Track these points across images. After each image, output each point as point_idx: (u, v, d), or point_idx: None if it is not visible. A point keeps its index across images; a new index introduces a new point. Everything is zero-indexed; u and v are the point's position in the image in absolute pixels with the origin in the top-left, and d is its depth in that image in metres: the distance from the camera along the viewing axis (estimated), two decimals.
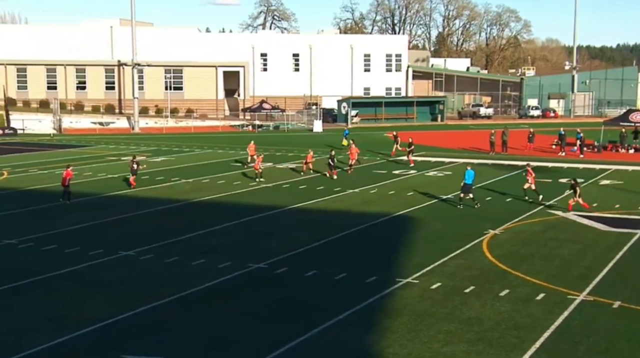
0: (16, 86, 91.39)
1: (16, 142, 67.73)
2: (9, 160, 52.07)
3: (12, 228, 28.92)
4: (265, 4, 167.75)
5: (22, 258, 24.38)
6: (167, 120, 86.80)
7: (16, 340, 16.79)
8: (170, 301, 19.80)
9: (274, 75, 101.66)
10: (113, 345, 16.56)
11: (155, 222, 30.38)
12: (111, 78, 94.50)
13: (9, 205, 34.09)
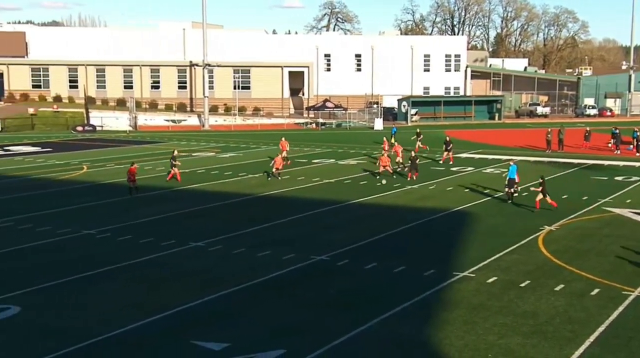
0: (95, 86, 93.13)
1: (95, 138, 69.04)
2: (89, 155, 53.12)
3: (90, 219, 29.50)
4: (329, 6, 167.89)
5: (100, 248, 24.86)
6: (235, 118, 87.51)
7: (91, 326, 17.14)
8: (237, 290, 19.98)
9: (337, 75, 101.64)
10: (184, 330, 16.78)
11: (224, 215, 30.66)
12: (183, 78, 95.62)
13: (88, 197, 34.78)
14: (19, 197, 35.20)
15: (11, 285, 20.26)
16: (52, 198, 34.42)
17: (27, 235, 26.60)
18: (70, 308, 18.50)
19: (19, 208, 31.57)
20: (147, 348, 15.88)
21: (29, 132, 74.61)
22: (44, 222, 28.79)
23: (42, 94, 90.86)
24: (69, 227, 27.74)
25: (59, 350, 15.59)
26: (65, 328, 17.02)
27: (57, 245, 25.34)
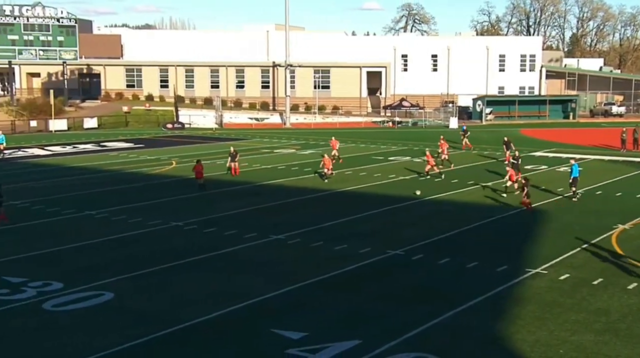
0: (184, 85, 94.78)
1: (184, 135, 70.31)
2: (178, 151, 54.15)
3: (178, 212, 30.09)
4: (407, 8, 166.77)
5: (187, 239, 25.34)
6: (315, 116, 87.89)
7: (178, 312, 17.50)
8: (315, 281, 20.09)
9: (413, 75, 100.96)
10: (264, 319, 16.98)
11: (303, 210, 30.85)
12: (266, 78, 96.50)
13: (177, 191, 35.46)
14: (113, 189, 36.14)
15: (105, 272, 20.86)
16: (144, 191, 35.22)
17: (121, 226, 27.32)
18: (159, 295, 18.94)
19: (113, 200, 32.42)
20: (230, 334, 16.13)
21: (123, 129, 76.52)
22: (136, 213, 29.51)
23: (135, 93, 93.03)
24: (159, 219, 28.35)
25: (149, 334, 15.99)
26: (156, 313, 17.43)
27: (147, 235, 25.95)
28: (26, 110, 76.71)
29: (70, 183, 37.97)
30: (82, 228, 26.91)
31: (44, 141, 61.29)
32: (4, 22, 78.36)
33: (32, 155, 52.26)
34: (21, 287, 19.33)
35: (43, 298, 18.41)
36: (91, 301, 18.30)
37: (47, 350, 15.11)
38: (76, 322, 16.89)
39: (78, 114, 79.50)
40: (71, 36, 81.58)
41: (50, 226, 27.56)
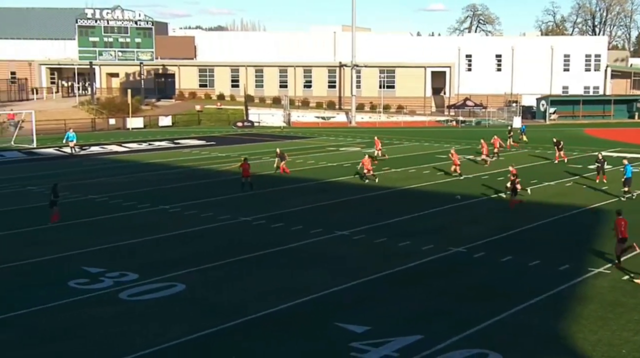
0: (254, 85, 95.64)
1: (253, 133, 70.94)
2: (247, 149, 54.65)
3: (247, 207, 30.39)
4: (471, 9, 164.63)
5: (255, 234, 25.59)
6: (380, 116, 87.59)
7: (246, 304, 17.70)
8: (378, 277, 20.07)
9: (477, 74, 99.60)
10: (328, 312, 17.04)
11: (367, 207, 30.81)
12: (333, 77, 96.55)
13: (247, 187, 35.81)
14: (186, 185, 36.71)
15: (177, 265, 21.23)
16: (214, 187, 35.66)
17: (192, 220, 27.76)
18: (229, 287, 19.19)
19: (185, 196, 32.94)
20: (296, 326, 16.25)
21: (195, 127, 77.63)
22: (207, 208, 29.92)
23: (207, 92, 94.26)
24: (229, 214, 28.70)
25: (219, 325, 16.22)
26: (225, 305, 17.67)
27: (217, 230, 26.31)
28: (105, 109, 78.51)
29: (146, 179, 38.74)
30: (156, 222, 27.43)
31: (121, 138, 62.66)
32: (85, 25, 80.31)
33: (111, 151, 53.50)
34: (99, 277, 19.84)
35: (119, 288, 18.87)
36: (164, 292, 18.67)
37: (123, 337, 15.48)
38: (150, 312, 17.26)
39: (153, 113, 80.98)
40: (148, 38, 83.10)
41: (127, 220, 28.18)
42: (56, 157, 50.08)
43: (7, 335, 15.68)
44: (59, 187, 27.86)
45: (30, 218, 27.94)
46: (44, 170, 42.23)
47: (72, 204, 31.37)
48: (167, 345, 15.07)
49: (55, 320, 16.61)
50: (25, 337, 15.56)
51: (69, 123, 69.48)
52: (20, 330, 15.97)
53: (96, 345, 15.08)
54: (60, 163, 46.44)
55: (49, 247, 23.45)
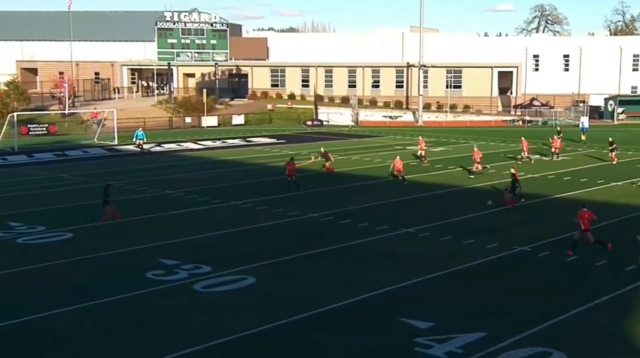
0: (324, 85, 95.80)
1: (322, 131, 71.13)
2: (316, 147, 54.77)
3: (316, 204, 30.53)
4: (539, 9, 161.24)
5: (323, 230, 25.70)
6: (446, 115, 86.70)
7: (313, 298, 17.79)
8: (443, 274, 19.92)
9: (544, 74, 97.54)
10: (393, 308, 17.01)
11: (433, 204, 30.57)
12: (400, 78, 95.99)
13: (314, 184, 35.97)
14: (257, 182, 37.11)
15: (248, 258, 21.50)
16: (285, 183, 35.85)
17: (263, 216, 28.05)
18: (297, 281, 19.34)
19: (257, 192, 33.30)
20: (362, 321, 16.27)
21: (267, 125, 78.36)
22: (277, 204, 30.19)
23: (278, 92, 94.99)
24: (298, 210, 28.89)
25: (287, 317, 16.37)
26: (293, 298, 17.82)
27: (287, 225, 26.52)
28: (182, 108, 79.93)
29: (219, 175, 39.30)
30: (228, 217, 27.83)
31: (196, 136, 63.73)
32: (164, 28, 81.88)
33: (186, 148, 54.45)
34: (175, 269, 20.25)
35: (193, 280, 19.21)
36: (235, 284, 18.93)
37: (197, 327, 15.77)
38: (222, 303, 17.54)
39: (227, 111, 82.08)
40: (223, 39, 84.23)
41: (201, 214, 28.67)
42: (135, 153, 51.27)
43: (88, 324, 16.16)
44: (111, 187, 27.94)
45: (96, 214, 28.65)
46: (124, 166, 43.33)
47: (150, 199, 32.12)
48: (238, 335, 15.29)
49: (132, 310, 17.04)
50: (105, 326, 16.00)
51: (147, 121, 71.12)
52: (100, 319, 16.44)
53: (171, 335, 15.41)
54: (139, 159, 47.54)
55: (128, 239, 24.05)
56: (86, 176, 38.73)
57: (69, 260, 21.43)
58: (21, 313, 16.62)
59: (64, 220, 26.97)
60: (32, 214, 28.26)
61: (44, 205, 30.35)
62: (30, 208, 29.49)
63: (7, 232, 25.14)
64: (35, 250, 22.83)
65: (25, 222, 26.67)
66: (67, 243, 23.77)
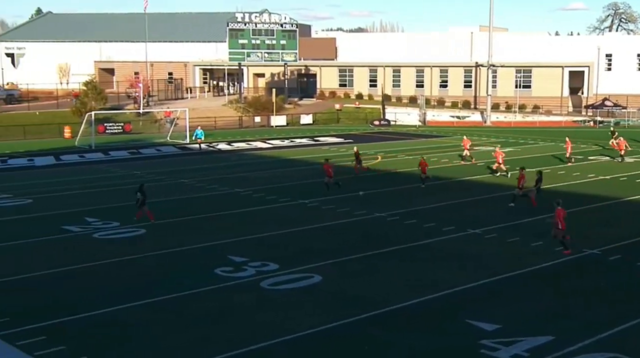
0: (391, 84, 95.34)
1: (389, 131, 70.83)
2: (383, 146, 54.70)
3: (382, 203, 30.41)
4: (613, 7, 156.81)
5: (390, 229, 25.59)
6: (515, 115, 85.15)
7: (379, 297, 17.74)
8: (509, 276, 19.60)
9: (617, 74, 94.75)
10: (458, 309, 16.81)
11: (500, 206, 30.05)
12: (469, 77, 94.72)
13: (381, 184, 35.85)
14: (318, 182, 37.09)
15: (315, 257, 21.59)
16: (351, 183, 35.68)
17: (330, 215, 28.11)
18: (363, 280, 19.32)
19: (324, 191, 33.34)
20: (427, 321, 16.15)
21: (334, 125, 78.46)
22: (343, 203, 30.19)
23: (346, 92, 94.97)
24: (364, 209, 28.84)
25: (353, 316, 16.38)
26: (359, 297, 17.81)
27: (353, 224, 26.51)
28: (252, 107, 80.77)
29: (287, 174, 39.57)
30: (295, 216, 27.99)
31: (265, 135, 64.30)
32: (235, 28, 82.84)
33: (255, 147, 54.98)
34: (243, 266, 20.49)
35: (261, 277, 19.40)
36: (302, 282, 19.03)
37: (263, 324, 15.92)
38: (289, 301, 17.65)
39: (296, 111, 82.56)
40: (292, 40, 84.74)
41: (269, 213, 28.93)
42: (206, 152, 52.07)
43: (158, 318, 16.50)
44: (145, 187, 27.73)
45: (181, 208, 29.25)
46: (195, 164, 44.06)
47: (220, 197, 32.59)
48: (303, 333, 15.37)
49: (201, 306, 17.31)
50: (175, 321, 16.31)
51: (218, 120, 72.20)
52: (171, 314, 16.76)
53: (238, 331, 15.60)
54: (209, 158, 48.27)
55: (198, 236, 24.45)
56: (158, 174, 39.56)
57: (141, 256, 21.94)
58: (94, 306, 17.09)
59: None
60: (108, 210, 29.03)
61: (118, 201, 31.13)
62: (106, 205, 30.30)
63: (84, 227, 25.89)
64: (109, 245, 23.45)
65: (100, 217, 27.41)
66: (139, 239, 24.33)
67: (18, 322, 15.89)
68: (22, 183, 36.15)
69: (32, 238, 24.17)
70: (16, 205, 30.37)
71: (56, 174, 39.69)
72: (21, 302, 17.47)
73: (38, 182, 36.51)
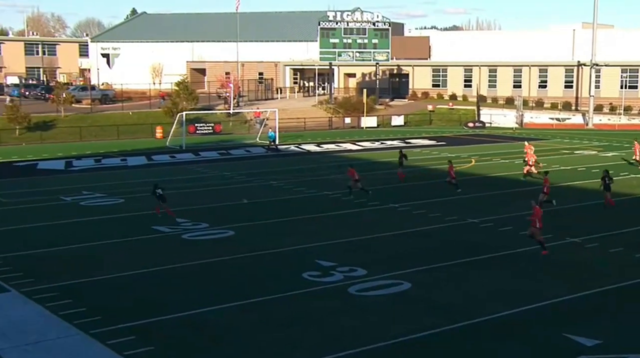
0: (487, 85, 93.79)
1: (484, 134, 69.70)
2: (477, 150, 53.87)
3: (474, 209, 29.98)
4: None
5: (482, 236, 25.19)
6: (620, 117, 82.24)
7: (470, 307, 17.49)
8: (610, 289, 19.01)
9: None
10: (555, 322, 16.40)
11: (601, 214, 29.09)
12: (570, 77, 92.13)
13: (474, 189, 35.31)
14: (415, 185, 36.92)
15: (404, 263, 21.50)
16: (443, 187, 35.33)
17: (421, 220, 27.92)
18: (454, 288, 19.12)
19: (414, 195, 33.15)
20: (522, 333, 15.84)
21: (427, 126, 77.83)
22: (435, 208, 29.93)
23: (439, 92, 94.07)
24: (456, 215, 28.51)
25: (442, 325, 16.23)
26: (449, 306, 17.63)
27: (444, 230, 26.24)
28: (342, 108, 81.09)
29: (377, 177, 39.49)
30: (384, 220, 27.93)
31: (355, 137, 64.40)
32: (327, 27, 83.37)
33: (345, 149, 55.14)
34: (330, 271, 20.62)
35: (349, 283, 19.47)
36: (390, 289, 18.98)
37: (350, 330, 15.97)
38: (376, 307, 17.65)
39: (387, 112, 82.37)
40: (384, 39, 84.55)
41: (357, 216, 28.98)
42: (295, 153, 52.61)
43: (245, 321, 16.81)
44: (159, 186, 28.76)
45: (270, 211, 29.68)
46: (284, 166, 44.58)
47: (308, 200, 32.89)
48: (391, 342, 15.33)
49: (288, 309, 17.52)
50: (262, 324, 16.58)
51: (308, 121, 72.83)
52: (258, 316, 17.05)
53: (324, 337, 15.71)
54: (299, 159, 48.74)
55: (286, 239, 24.76)
56: (248, 175, 40.24)
57: (229, 258, 22.39)
58: (183, 307, 17.57)
59: (226, 218, 28.20)
60: (197, 211, 29.76)
61: (208, 202, 31.87)
62: (196, 206, 31.06)
63: (174, 227, 26.63)
64: (198, 246, 24.05)
65: (190, 218, 28.14)
66: (228, 240, 24.83)
67: (109, 321, 16.51)
68: (115, 183, 37.51)
69: (123, 238, 25.06)
70: (109, 204, 31.55)
71: (147, 174, 40.97)
72: (112, 301, 18.15)
73: (130, 182, 37.81)
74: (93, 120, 66.36)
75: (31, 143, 57.37)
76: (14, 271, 20.61)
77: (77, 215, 29.08)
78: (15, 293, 18.75)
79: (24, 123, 59.67)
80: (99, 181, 38.18)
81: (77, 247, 23.82)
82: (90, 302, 17.99)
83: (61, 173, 41.92)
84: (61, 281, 19.74)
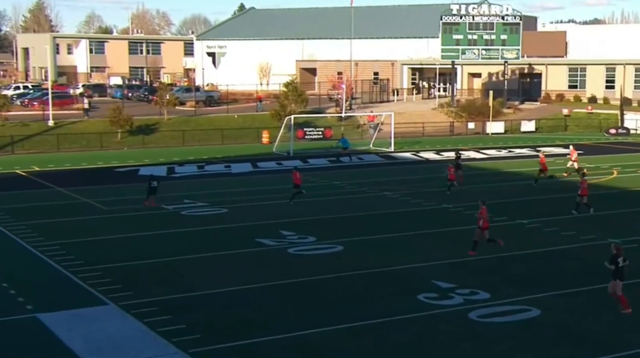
0: (633, 86, 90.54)
1: (628, 141, 67.14)
2: (620, 160, 51.99)
3: (616, 227, 28.98)
4: None
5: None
6: None
7: (607, 338, 16.91)
8: None
9: None
10: None
11: None
12: None
13: (617, 204, 34.09)
14: (545, 198, 36.00)
15: (533, 286, 21.06)
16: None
17: (553, 238, 27.27)
18: (593, 317, 18.59)
19: (544, 210, 32.29)
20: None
21: (561, 133, 75.76)
22: (569, 225, 29.12)
23: (577, 94, 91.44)
24: (594, 234, 27.64)
25: (575, 356, 15.81)
26: (587, 335, 17.22)
27: (581, 250, 25.57)
28: (465, 112, 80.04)
29: (504, 190, 38.78)
30: (511, 238, 27.35)
31: (480, 144, 63.50)
32: (450, 22, 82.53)
33: (468, 158, 54.36)
34: (449, 293, 20.44)
35: (469, 307, 19.24)
36: (517, 315, 18.66)
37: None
38: (500, 335, 17.38)
39: (515, 116, 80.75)
40: (514, 34, 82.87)
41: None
42: (412, 161, 52.37)
43: (355, 345, 16.90)
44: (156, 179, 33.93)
45: (382, 224, 29.68)
46: (399, 175, 44.40)
47: (425, 213, 32.75)
48: None
49: (402, 334, 17.50)
50: (373, 349, 16.63)
51: (426, 126, 72.43)
52: (369, 340, 17.10)
53: None
54: (416, 168, 48.46)
55: (400, 256, 24.73)
56: (359, 185, 40.38)
57: (338, 275, 22.57)
58: (287, 327, 17.86)
59: (334, 231, 28.44)
60: (304, 223, 30.15)
61: (316, 214, 32.21)
62: (303, 217, 31.47)
63: (280, 241, 27.10)
64: (304, 261, 24.37)
65: (296, 231, 28.55)
66: (336, 256, 25.04)
67: (209, 340, 16.99)
68: (218, 191, 38.50)
69: (225, 251, 25.71)
70: (212, 214, 32.43)
71: (252, 182, 41.84)
72: (213, 319, 18.65)
73: (234, 191, 38.70)
74: (197, 124, 68.37)
75: (133, 147, 59.65)
76: (113, 283, 21.52)
77: (178, 225, 30.08)
78: (114, 306, 19.58)
79: (126, 126, 62.03)
80: (202, 189, 39.31)
81: (177, 259, 24.62)
82: (190, 318, 18.56)
83: (163, 180, 43.42)
84: (160, 295, 20.47)
